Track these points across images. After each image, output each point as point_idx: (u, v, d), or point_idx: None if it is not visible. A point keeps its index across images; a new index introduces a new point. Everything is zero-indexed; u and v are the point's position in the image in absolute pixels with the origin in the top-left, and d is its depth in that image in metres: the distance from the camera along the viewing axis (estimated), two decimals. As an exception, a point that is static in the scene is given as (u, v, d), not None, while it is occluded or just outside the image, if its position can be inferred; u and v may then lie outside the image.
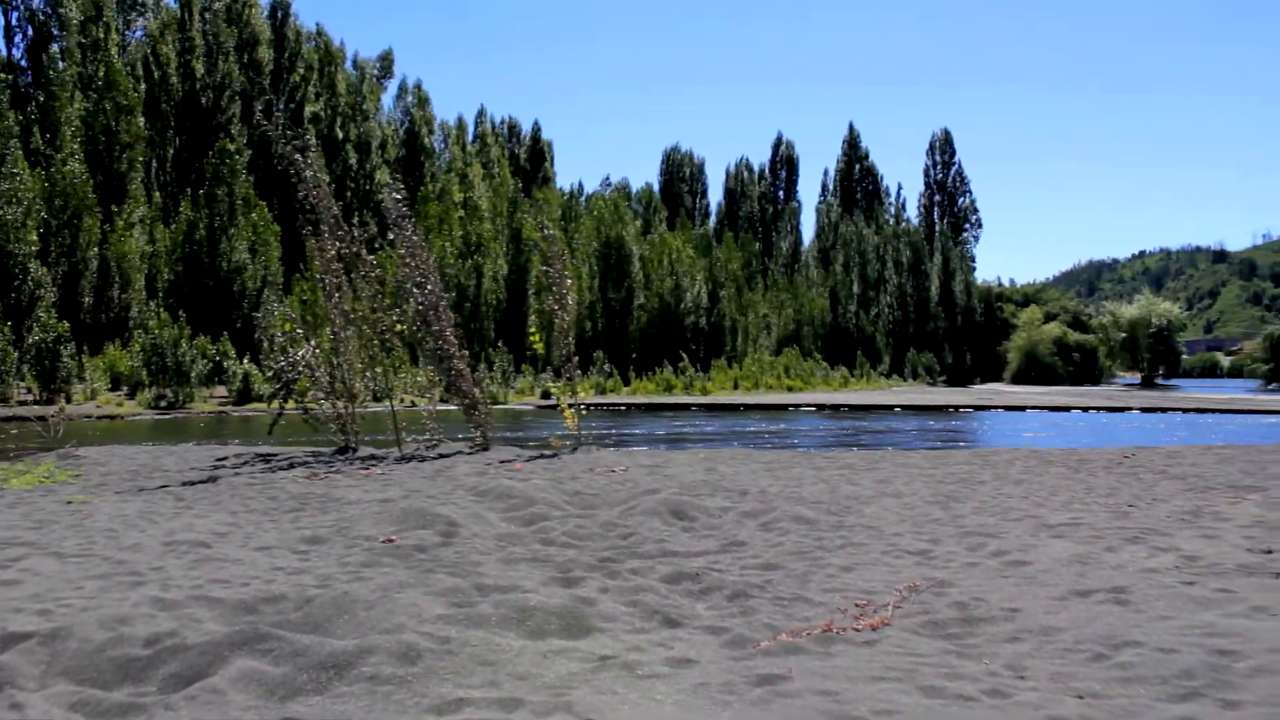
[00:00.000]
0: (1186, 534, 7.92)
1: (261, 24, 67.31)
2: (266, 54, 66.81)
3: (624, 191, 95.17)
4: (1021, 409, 40.44)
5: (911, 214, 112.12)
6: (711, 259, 79.44)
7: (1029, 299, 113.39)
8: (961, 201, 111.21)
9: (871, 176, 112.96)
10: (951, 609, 5.54)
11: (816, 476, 12.50)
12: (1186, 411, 36.54)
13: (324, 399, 16.86)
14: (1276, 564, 6.61)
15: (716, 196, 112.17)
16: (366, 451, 16.16)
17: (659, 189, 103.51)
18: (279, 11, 69.59)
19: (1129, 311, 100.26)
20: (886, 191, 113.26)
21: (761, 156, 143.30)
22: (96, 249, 48.22)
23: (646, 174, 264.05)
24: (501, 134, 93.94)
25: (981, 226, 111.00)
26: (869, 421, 32.69)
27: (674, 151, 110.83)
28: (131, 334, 46.34)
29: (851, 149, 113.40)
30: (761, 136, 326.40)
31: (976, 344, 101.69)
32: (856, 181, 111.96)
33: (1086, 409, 39.09)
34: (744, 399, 49.31)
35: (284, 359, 16.67)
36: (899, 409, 40.46)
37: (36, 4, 54.76)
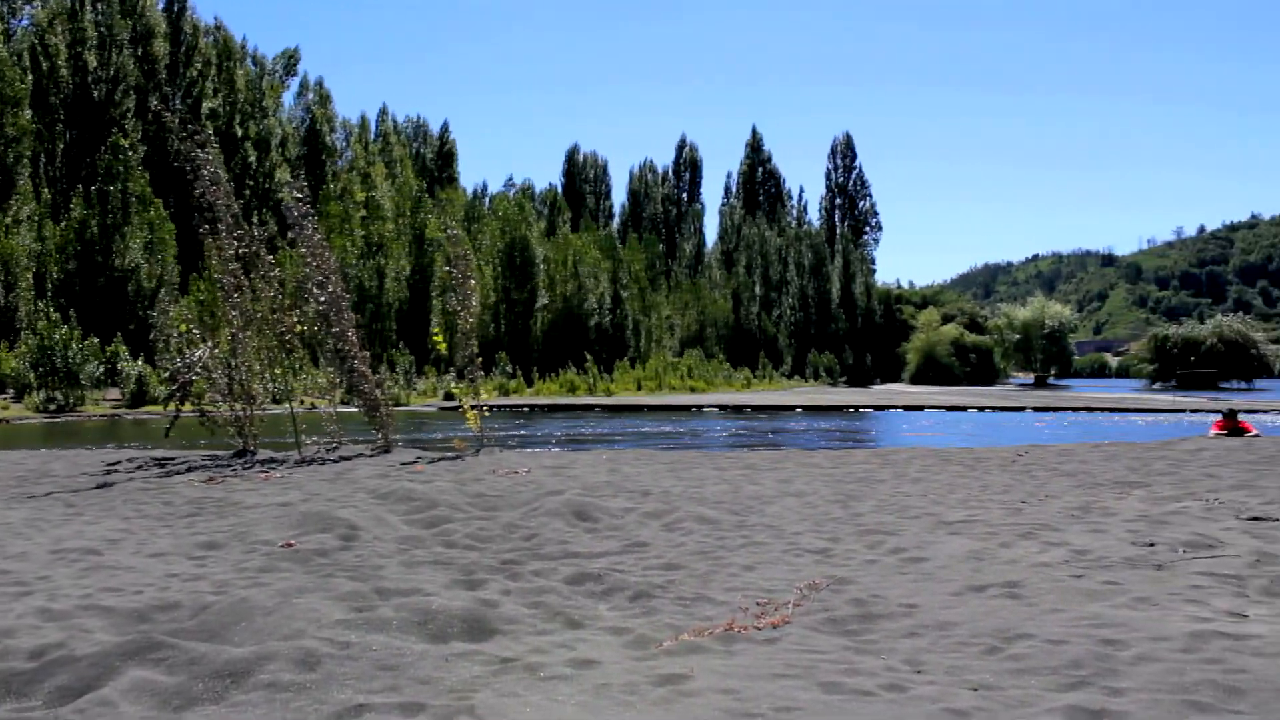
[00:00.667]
0: (1076, 529, 8.16)
1: (157, 16, 65.56)
2: (162, 47, 65.10)
3: (529, 192, 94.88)
4: (920, 409, 41.25)
5: (813, 217, 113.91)
6: (615, 260, 79.53)
7: (927, 301, 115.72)
8: (862, 205, 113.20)
9: (774, 179, 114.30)
10: (851, 606, 5.63)
11: (719, 477, 12.59)
12: (1077, 410, 37.60)
13: (221, 401, 16.54)
14: (1159, 557, 6.85)
15: (620, 198, 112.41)
16: (265, 454, 15.86)
17: (562, 190, 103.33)
18: (175, 4, 67.87)
19: (1023, 313, 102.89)
20: (789, 194, 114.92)
21: (666, 158, 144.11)
22: (-20, 246, 46.54)
23: (551, 175, 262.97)
24: (409, 134, 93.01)
25: (881, 229, 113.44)
26: (771, 422, 33.03)
27: (576, 152, 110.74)
28: (19, 335, 44.78)
29: (755, 152, 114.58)
30: (666, 138, 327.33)
31: (876, 345, 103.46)
32: (759, 184, 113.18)
33: (982, 408, 40.05)
34: (647, 400, 49.48)
35: (180, 360, 16.31)
36: (801, 409, 40.98)
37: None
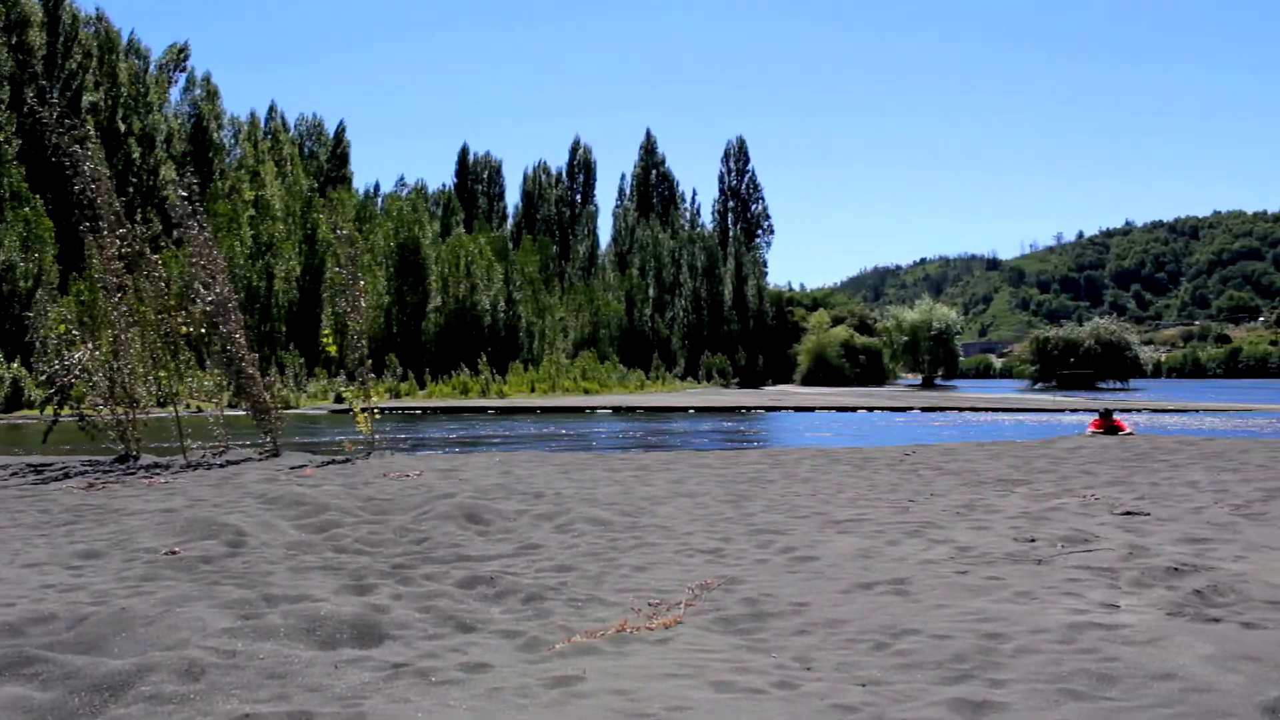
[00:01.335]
0: (961, 526, 8.35)
1: (33, 5, 63.01)
2: (39, 37, 62.53)
3: (422, 193, 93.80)
4: (810, 409, 41.86)
5: (706, 219, 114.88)
6: (509, 261, 79.10)
7: (818, 303, 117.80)
8: (755, 208, 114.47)
9: (668, 182, 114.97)
10: (742, 605, 5.67)
11: (611, 478, 12.61)
12: (962, 410, 38.58)
13: (103, 405, 16.02)
14: (1039, 552, 7.05)
15: (515, 199, 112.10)
16: (149, 459, 15.44)
17: (455, 190, 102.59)
18: (53, -8, 65.47)
19: (911, 316, 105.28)
20: (683, 197, 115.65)
21: (560, 160, 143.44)
22: None
23: (444, 175, 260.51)
24: (303, 132, 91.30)
25: (774, 232, 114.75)
26: (664, 423, 33.21)
27: (467, 153, 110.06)
28: (-120, 336, 42.89)
29: (649, 154, 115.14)
30: (560, 140, 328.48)
31: (769, 347, 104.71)
32: (653, 186, 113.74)
33: (871, 409, 40.81)
34: (541, 402, 49.40)
35: (59, 362, 15.78)
36: (693, 410, 41.28)
37: None
